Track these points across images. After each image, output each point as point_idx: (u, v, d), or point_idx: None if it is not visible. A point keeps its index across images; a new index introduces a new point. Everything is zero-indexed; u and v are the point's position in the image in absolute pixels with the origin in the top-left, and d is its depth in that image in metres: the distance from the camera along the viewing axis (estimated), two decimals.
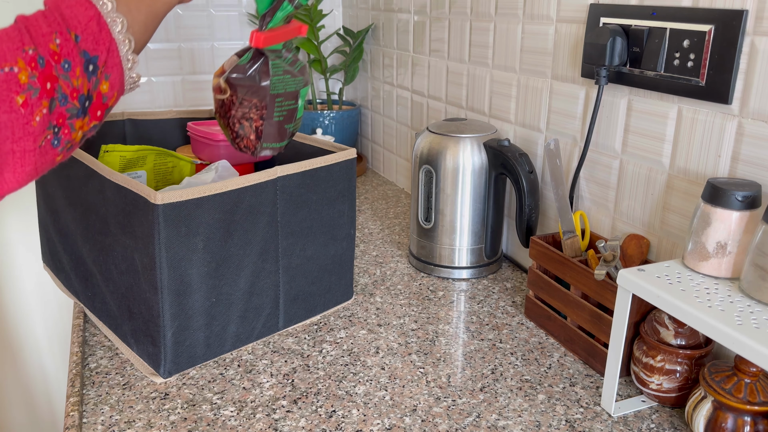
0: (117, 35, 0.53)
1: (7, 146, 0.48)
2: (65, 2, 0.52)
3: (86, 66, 0.51)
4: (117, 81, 0.54)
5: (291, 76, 0.75)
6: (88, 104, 0.52)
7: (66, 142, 0.52)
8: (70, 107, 0.51)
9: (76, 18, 0.51)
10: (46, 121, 0.49)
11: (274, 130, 0.75)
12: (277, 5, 0.71)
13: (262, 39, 0.72)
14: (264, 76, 0.73)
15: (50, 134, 0.50)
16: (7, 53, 0.48)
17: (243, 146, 0.77)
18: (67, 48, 0.50)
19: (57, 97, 0.50)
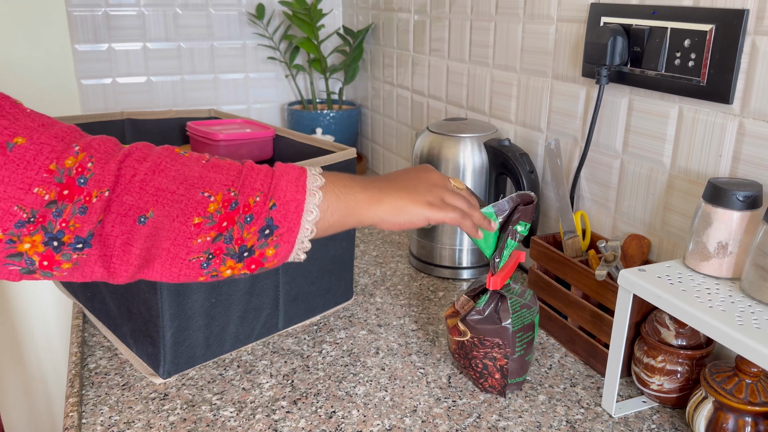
0: (305, 222, 0.59)
1: (166, 245, 0.54)
2: (286, 177, 0.59)
3: (263, 229, 0.57)
4: (283, 252, 0.59)
5: (527, 309, 0.76)
6: (246, 255, 0.58)
7: (213, 269, 0.57)
8: (230, 248, 0.57)
9: (284, 193, 0.58)
10: (205, 246, 0.56)
11: (517, 365, 0.76)
12: (503, 245, 0.73)
13: (499, 281, 0.74)
14: (505, 315, 0.75)
15: (203, 257, 0.56)
16: (216, 184, 0.56)
17: (488, 386, 0.78)
18: (259, 208, 0.57)
19: (225, 235, 0.56)
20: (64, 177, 0.50)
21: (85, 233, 0.51)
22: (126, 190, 0.52)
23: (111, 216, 0.52)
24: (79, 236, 0.51)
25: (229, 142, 1.05)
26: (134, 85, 1.66)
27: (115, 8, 1.58)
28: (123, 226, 0.52)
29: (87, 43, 1.58)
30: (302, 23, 1.61)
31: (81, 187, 0.50)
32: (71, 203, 0.50)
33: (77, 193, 0.50)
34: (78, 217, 0.50)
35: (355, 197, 0.63)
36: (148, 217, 0.53)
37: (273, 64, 1.78)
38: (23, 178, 0.48)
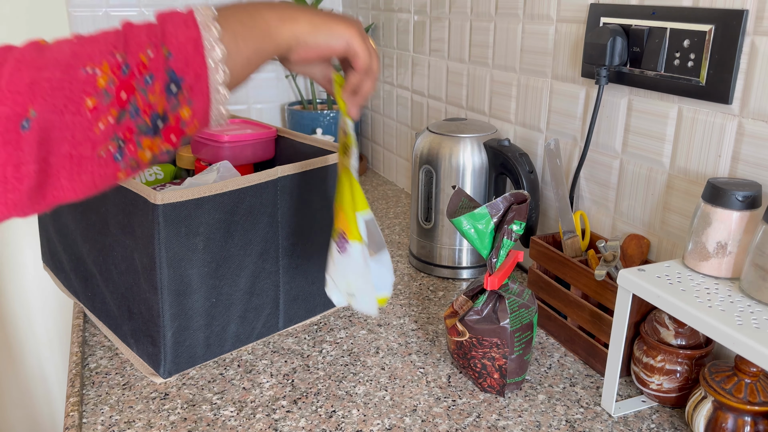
0: (211, 62, 0.50)
1: (65, 149, 0.46)
2: (172, 19, 0.51)
3: (168, 85, 0.49)
4: (200, 110, 0.51)
5: (525, 309, 0.76)
6: (161, 124, 0.50)
7: (130, 159, 0.50)
8: (140, 123, 0.49)
9: (175, 35, 0.49)
10: (110, 131, 0.47)
11: (515, 365, 0.76)
12: (499, 244, 0.73)
13: (496, 281, 0.74)
14: (503, 315, 0.74)
15: (113, 146, 0.48)
16: (96, 54, 0.47)
17: (487, 386, 0.78)
18: (156, 63, 0.48)
19: (129, 109, 0.48)
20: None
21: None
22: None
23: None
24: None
25: (234, 144, 1.05)
26: None
27: (115, 8, 1.58)
28: (8, 146, 0.44)
29: None
30: None
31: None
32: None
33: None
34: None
35: (263, 17, 0.55)
36: (30, 117, 0.44)
37: (273, 64, 1.78)
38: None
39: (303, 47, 0.57)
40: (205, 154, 1.08)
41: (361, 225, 0.64)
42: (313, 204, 0.88)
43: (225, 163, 0.98)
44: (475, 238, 0.73)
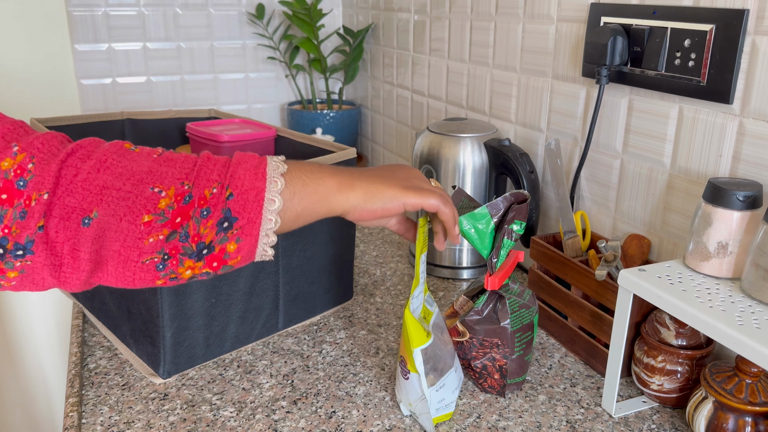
0: (267, 212, 0.54)
1: (115, 246, 0.51)
2: (244, 165, 0.55)
3: (221, 222, 0.53)
4: (246, 248, 0.55)
5: (525, 309, 0.76)
6: (206, 252, 0.53)
7: (170, 271, 0.53)
8: (187, 246, 0.52)
9: (242, 182, 0.54)
10: (159, 245, 0.51)
11: (516, 365, 0.76)
12: (499, 244, 0.73)
13: (497, 282, 0.73)
14: (503, 315, 0.74)
15: (158, 258, 0.52)
16: (168, 178, 0.52)
17: (488, 386, 0.78)
18: (215, 200, 0.53)
19: (180, 232, 0.52)
20: (0, 180, 0.47)
21: (23, 239, 0.48)
22: (68, 191, 0.49)
23: (53, 220, 0.49)
24: (18, 242, 0.48)
25: (233, 143, 1.05)
26: (134, 85, 1.66)
27: (115, 8, 1.58)
28: (67, 231, 0.49)
29: (87, 43, 1.58)
30: (302, 23, 1.61)
31: (20, 190, 0.48)
32: (11, 208, 0.48)
33: (17, 197, 0.48)
34: (18, 223, 0.48)
35: (324, 183, 0.59)
36: (92, 217, 0.49)
37: (273, 64, 1.78)
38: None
39: (359, 211, 0.61)
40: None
41: (417, 359, 0.68)
42: None
43: None
44: (475, 239, 0.73)
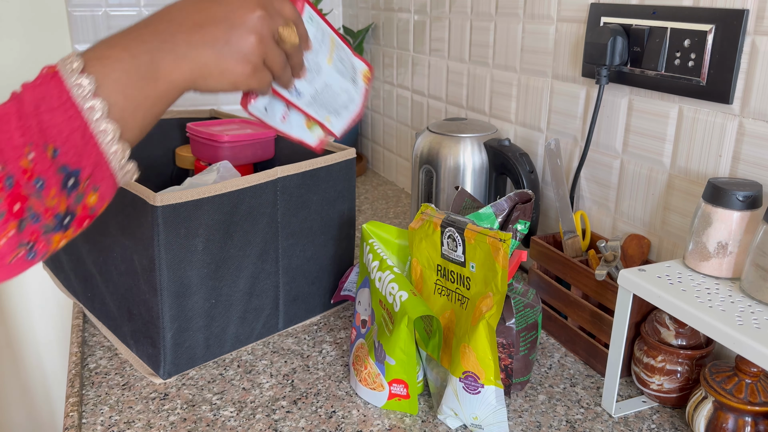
0: (107, 146, 0.45)
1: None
2: (46, 104, 0.44)
3: (65, 182, 0.44)
4: (108, 189, 0.47)
5: (530, 308, 0.76)
6: (68, 220, 0.45)
7: (44, 253, 0.46)
8: (44, 224, 0.44)
9: (57, 128, 0.44)
10: (15, 241, 0.43)
11: (521, 364, 0.76)
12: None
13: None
14: (508, 314, 0.74)
15: (23, 251, 0.44)
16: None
17: None
18: (41, 165, 0.43)
19: (26, 216, 0.43)
20: None
21: None
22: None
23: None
24: None
25: (233, 144, 1.05)
26: None
27: (115, 8, 1.58)
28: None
29: (87, 43, 1.58)
30: None
31: None
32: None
33: None
34: None
35: (153, 59, 0.48)
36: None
37: None
38: None
39: (201, 88, 0.52)
40: (205, 154, 1.08)
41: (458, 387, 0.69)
42: (312, 204, 0.88)
43: (225, 163, 0.98)
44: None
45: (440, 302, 0.75)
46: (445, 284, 0.75)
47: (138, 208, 0.73)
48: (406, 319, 0.69)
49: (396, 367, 0.72)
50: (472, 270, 0.71)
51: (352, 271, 0.92)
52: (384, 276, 0.76)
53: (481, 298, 0.69)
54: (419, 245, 0.77)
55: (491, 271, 0.68)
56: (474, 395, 0.68)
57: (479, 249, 0.69)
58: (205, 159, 1.09)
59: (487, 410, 0.69)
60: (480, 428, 0.70)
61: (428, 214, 0.76)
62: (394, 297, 0.72)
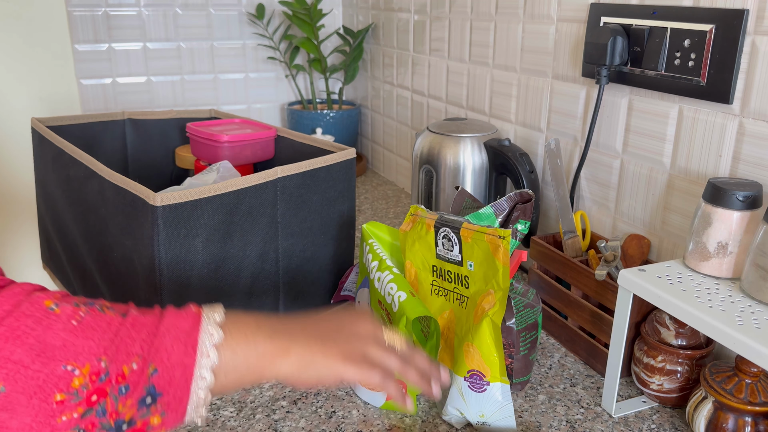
0: (197, 390, 0.49)
1: (27, 420, 0.46)
2: (172, 334, 0.50)
3: (143, 399, 0.48)
4: (172, 421, 0.50)
5: (530, 308, 0.76)
6: (125, 428, 0.49)
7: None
8: (104, 422, 0.48)
9: (169, 354, 0.49)
10: (73, 423, 0.47)
11: (521, 364, 0.76)
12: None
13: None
14: (508, 314, 0.74)
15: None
16: (84, 354, 0.47)
17: None
18: (137, 377, 0.48)
19: (96, 409, 0.47)
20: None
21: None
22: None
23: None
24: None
25: (233, 144, 1.05)
26: (134, 85, 1.66)
27: (115, 8, 1.58)
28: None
29: (87, 43, 1.58)
30: (302, 23, 1.61)
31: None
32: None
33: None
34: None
35: (257, 350, 0.53)
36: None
37: (273, 64, 1.78)
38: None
39: (292, 382, 0.55)
40: (205, 154, 1.08)
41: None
42: (312, 204, 0.88)
43: (225, 163, 0.98)
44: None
45: (438, 303, 0.75)
46: (442, 284, 0.75)
47: (138, 208, 0.73)
48: (405, 319, 0.69)
49: None
50: (470, 269, 0.71)
51: (352, 271, 0.92)
52: (383, 276, 0.76)
53: (482, 296, 0.69)
54: (412, 247, 0.77)
55: (491, 268, 0.68)
56: (480, 393, 0.68)
57: (477, 247, 0.69)
58: (205, 159, 1.09)
59: (493, 407, 0.69)
60: (487, 425, 0.70)
61: (419, 216, 0.76)
62: (392, 297, 0.72)
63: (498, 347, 0.67)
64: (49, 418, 0.46)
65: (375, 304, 0.77)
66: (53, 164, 0.95)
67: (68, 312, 0.48)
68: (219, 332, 0.51)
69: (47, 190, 0.99)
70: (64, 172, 0.90)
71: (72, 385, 0.46)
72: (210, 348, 0.50)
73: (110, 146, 1.14)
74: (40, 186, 1.04)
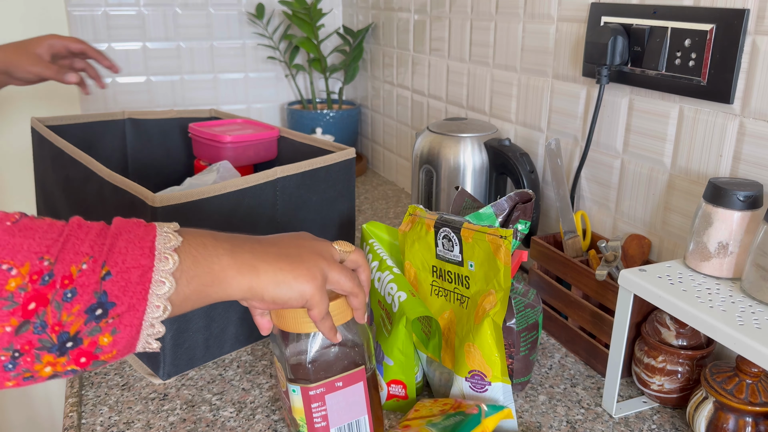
0: (153, 298, 0.45)
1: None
2: (126, 235, 0.45)
3: (93, 308, 0.43)
4: (124, 341, 0.45)
5: (531, 309, 0.75)
6: (70, 345, 0.43)
7: (24, 370, 0.42)
8: (45, 339, 0.42)
9: (123, 256, 0.44)
10: (5, 340, 0.41)
11: (522, 365, 0.76)
12: None
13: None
14: (509, 315, 0.74)
15: (5, 356, 0.41)
16: (23, 252, 0.41)
17: None
18: (86, 279, 0.43)
19: (35, 323, 0.41)
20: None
21: None
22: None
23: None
24: None
25: (236, 144, 1.05)
26: (134, 84, 1.66)
27: (114, 8, 1.58)
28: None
29: None
30: (302, 23, 1.61)
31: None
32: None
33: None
34: None
35: (220, 262, 0.49)
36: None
37: (273, 64, 1.78)
38: None
39: (258, 301, 0.52)
40: (207, 154, 1.08)
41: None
42: (312, 204, 0.88)
43: (225, 163, 0.98)
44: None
45: (438, 303, 0.75)
46: (443, 285, 0.75)
47: (137, 209, 0.73)
48: (404, 319, 0.69)
49: (394, 368, 0.72)
50: (471, 269, 0.71)
51: None
52: (383, 276, 0.75)
53: (483, 296, 0.69)
54: (412, 248, 0.77)
55: (492, 268, 0.68)
56: (481, 393, 0.68)
57: (478, 247, 0.69)
58: (208, 159, 1.09)
59: None
60: None
61: (418, 216, 0.76)
62: (392, 297, 0.72)
63: (499, 347, 0.67)
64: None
65: (375, 304, 0.77)
66: (53, 164, 0.95)
67: (1, 215, 0.43)
68: (177, 237, 0.47)
69: (47, 190, 0.99)
70: (63, 172, 0.90)
71: (6, 287, 0.40)
72: (169, 251, 0.46)
73: (110, 146, 1.13)
74: (40, 186, 1.04)
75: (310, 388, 0.60)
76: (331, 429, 0.62)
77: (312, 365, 0.60)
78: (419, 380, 0.76)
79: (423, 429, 0.63)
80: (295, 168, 0.84)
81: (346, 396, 0.62)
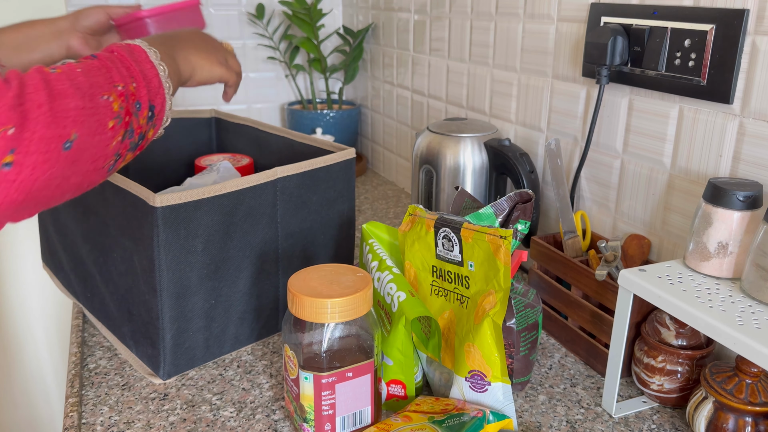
0: (168, 96, 0.64)
1: (86, 166, 0.54)
2: (136, 57, 0.61)
3: (148, 113, 0.60)
4: (156, 131, 0.64)
5: (530, 308, 0.75)
6: (139, 143, 0.60)
7: (114, 167, 0.58)
8: (132, 141, 0.58)
9: (143, 74, 0.60)
10: (116, 148, 0.56)
11: (522, 365, 0.76)
12: None
13: None
14: (509, 315, 0.74)
15: (112, 160, 0.57)
16: (105, 84, 0.55)
17: None
18: (140, 93, 0.59)
19: (128, 129, 0.57)
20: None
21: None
22: (43, 123, 0.49)
23: (31, 156, 0.48)
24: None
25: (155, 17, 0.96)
26: None
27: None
28: (48, 163, 0.49)
29: None
30: (302, 23, 1.61)
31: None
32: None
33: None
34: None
35: (175, 61, 0.69)
36: (72, 140, 0.51)
37: (273, 64, 1.78)
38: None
39: (195, 83, 0.76)
40: (133, 36, 0.99)
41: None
42: (312, 205, 0.88)
43: (225, 164, 0.98)
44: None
45: (438, 303, 0.75)
46: (442, 285, 0.75)
47: (138, 209, 0.73)
48: (404, 319, 0.69)
49: (393, 368, 0.72)
50: (471, 269, 0.71)
51: None
52: (383, 276, 0.76)
53: (483, 296, 0.69)
54: (411, 247, 0.77)
55: (492, 269, 0.68)
56: (481, 393, 0.68)
57: (477, 247, 0.69)
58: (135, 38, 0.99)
59: (495, 407, 0.69)
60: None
61: (418, 216, 0.76)
62: (392, 297, 0.72)
63: (499, 347, 0.67)
64: (104, 147, 0.55)
65: (375, 304, 0.77)
66: None
67: (68, 66, 0.55)
68: (154, 50, 0.64)
69: None
70: None
71: (114, 109, 0.55)
72: (158, 61, 0.63)
73: None
74: None
75: (322, 376, 0.64)
76: (336, 417, 0.66)
77: (326, 354, 0.64)
78: (419, 380, 0.76)
79: (426, 427, 0.63)
80: (295, 168, 0.84)
81: (354, 386, 0.66)
